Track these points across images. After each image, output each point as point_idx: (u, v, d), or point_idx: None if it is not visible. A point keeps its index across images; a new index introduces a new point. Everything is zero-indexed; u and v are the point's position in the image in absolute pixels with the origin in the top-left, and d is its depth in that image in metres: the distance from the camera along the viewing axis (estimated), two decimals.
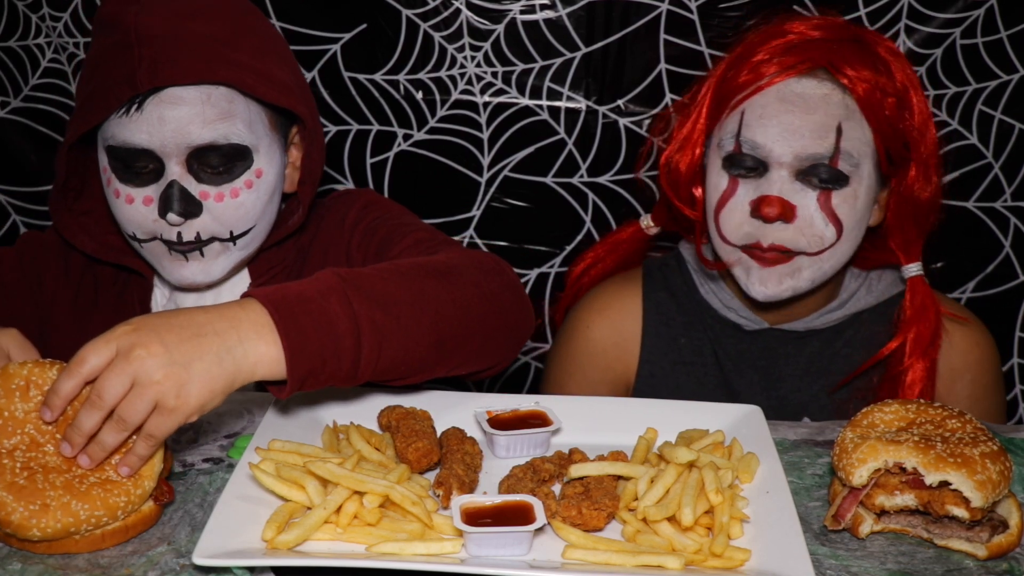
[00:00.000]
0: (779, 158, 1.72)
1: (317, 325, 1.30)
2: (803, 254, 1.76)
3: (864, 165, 1.74)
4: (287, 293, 1.31)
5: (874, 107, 1.72)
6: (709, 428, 1.47)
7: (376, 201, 1.87)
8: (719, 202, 1.79)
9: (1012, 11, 2.24)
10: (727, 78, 1.80)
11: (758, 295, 1.79)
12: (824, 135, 1.70)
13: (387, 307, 1.37)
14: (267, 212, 1.70)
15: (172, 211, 1.59)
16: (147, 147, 1.58)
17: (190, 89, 1.58)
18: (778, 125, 1.72)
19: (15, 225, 2.63)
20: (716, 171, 1.80)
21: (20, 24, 2.42)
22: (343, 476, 1.24)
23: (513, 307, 1.55)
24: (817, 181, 1.72)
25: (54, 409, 1.23)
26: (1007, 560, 1.27)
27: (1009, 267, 2.44)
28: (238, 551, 1.17)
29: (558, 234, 2.49)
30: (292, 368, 1.28)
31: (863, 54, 1.74)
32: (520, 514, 1.23)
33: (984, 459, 1.25)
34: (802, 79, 1.73)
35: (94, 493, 1.22)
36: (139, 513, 1.27)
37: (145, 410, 1.21)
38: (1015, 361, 2.51)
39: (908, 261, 1.87)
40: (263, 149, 1.66)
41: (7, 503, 1.20)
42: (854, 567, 1.24)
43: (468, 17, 2.31)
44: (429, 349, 1.42)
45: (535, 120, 2.39)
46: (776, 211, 1.71)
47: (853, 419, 1.38)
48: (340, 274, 1.37)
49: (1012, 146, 2.35)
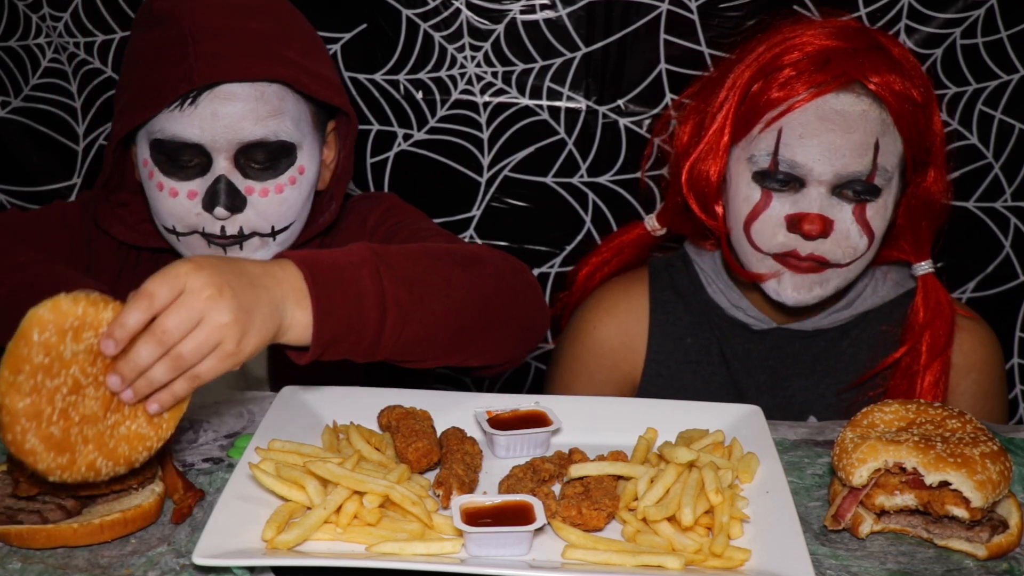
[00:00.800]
0: (819, 176, 1.72)
1: (347, 294, 1.33)
2: (835, 266, 1.77)
3: (895, 176, 1.76)
4: (321, 259, 1.34)
5: (906, 118, 1.74)
6: (709, 428, 1.47)
7: (398, 206, 1.90)
8: (751, 214, 1.78)
9: (1012, 11, 2.24)
10: (754, 92, 1.78)
11: (789, 300, 1.79)
12: (864, 153, 1.71)
13: (413, 287, 1.40)
14: (306, 208, 1.72)
15: (220, 205, 1.60)
16: (198, 142, 1.60)
17: (244, 86, 1.59)
18: (819, 145, 1.71)
19: None
20: (746, 183, 1.78)
21: (20, 24, 2.42)
22: (343, 476, 1.24)
23: (532, 305, 1.57)
24: (852, 195, 1.73)
25: (119, 342, 1.19)
26: (1007, 560, 1.27)
27: (1009, 267, 2.44)
28: (238, 551, 1.17)
29: (558, 234, 2.49)
30: (318, 334, 1.31)
31: (889, 62, 1.74)
32: (520, 514, 1.23)
33: (984, 459, 1.25)
34: (840, 95, 1.72)
35: (121, 449, 1.22)
36: (139, 508, 1.27)
37: (206, 350, 1.21)
38: (1015, 361, 2.51)
39: (919, 259, 1.88)
40: (306, 146, 1.68)
41: (38, 452, 1.18)
42: (854, 567, 1.24)
43: (468, 17, 2.31)
44: (449, 334, 1.44)
45: (535, 120, 2.39)
46: (818, 229, 1.71)
47: (853, 419, 1.38)
48: (374, 248, 1.40)
49: (1012, 146, 2.35)
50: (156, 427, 1.25)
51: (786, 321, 1.93)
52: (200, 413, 1.57)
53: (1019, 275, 2.45)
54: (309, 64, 1.66)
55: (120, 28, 2.39)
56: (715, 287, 1.96)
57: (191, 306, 1.20)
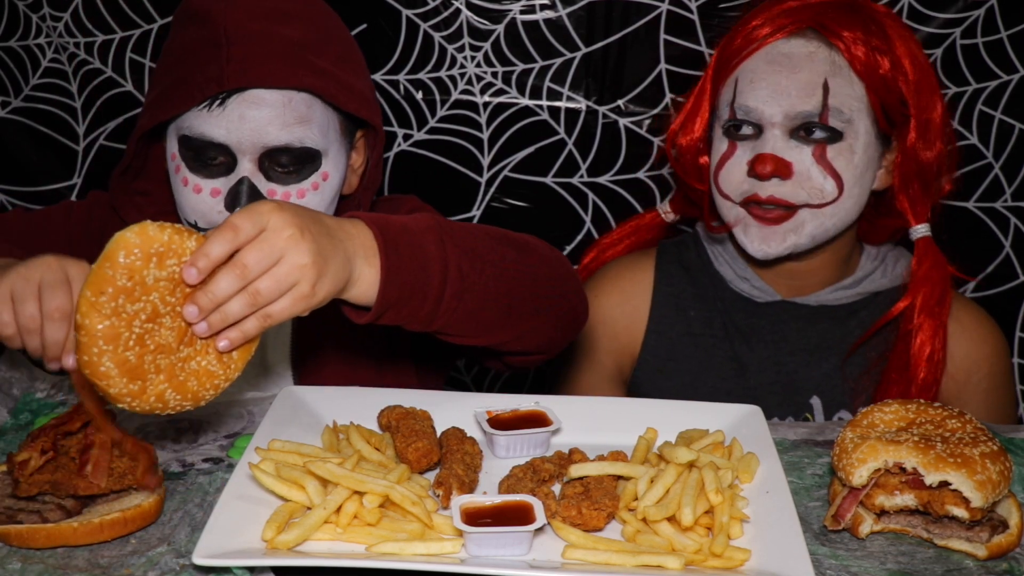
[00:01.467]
0: (770, 119, 1.76)
1: (414, 257, 1.34)
2: (806, 206, 1.78)
3: (859, 122, 1.77)
4: (391, 221, 1.36)
5: (867, 64, 1.75)
6: (709, 428, 1.47)
7: (420, 208, 1.90)
8: (719, 164, 1.83)
9: (1012, 11, 2.24)
10: (724, 46, 1.85)
11: (757, 253, 1.81)
12: (811, 93, 1.74)
13: (475, 260, 1.41)
14: (329, 212, 1.72)
15: (240, 206, 1.61)
16: (224, 142, 1.61)
17: (273, 92, 1.61)
18: (767, 87, 1.76)
19: None
20: (718, 138, 1.86)
21: (20, 24, 2.42)
22: (343, 476, 1.24)
23: (574, 295, 1.59)
24: (809, 138, 1.76)
25: (202, 271, 1.20)
26: (1007, 560, 1.27)
27: (1009, 267, 2.44)
28: (238, 551, 1.17)
29: (558, 234, 2.49)
30: (383, 292, 1.32)
31: (854, 16, 1.77)
32: (520, 514, 1.23)
33: (984, 459, 1.25)
34: (790, 39, 1.77)
35: (190, 384, 1.24)
36: (139, 508, 1.27)
37: (282, 289, 1.22)
38: (1015, 361, 2.51)
39: (916, 222, 1.89)
40: (332, 153, 1.69)
41: (111, 375, 1.19)
42: (854, 567, 1.24)
43: (468, 17, 2.31)
44: (499, 311, 1.45)
45: (535, 120, 2.39)
46: (770, 167, 1.75)
47: (853, 419, 1.38)
48: (436, 218, 1.42)
49: (1012, 146, 2.35)
50: (225, 366, 1.26)
51: (790, 294, 1.93)
52: (200, 413, 1.57)
53: (1019, 275, 2.45)
54: (341, 74, 1.67)
55: (120, 28, 2.39)
56: (721, 259, 1.98)
57: (272, 243, 1.21)
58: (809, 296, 1.93)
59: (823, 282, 1.93)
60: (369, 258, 1.32)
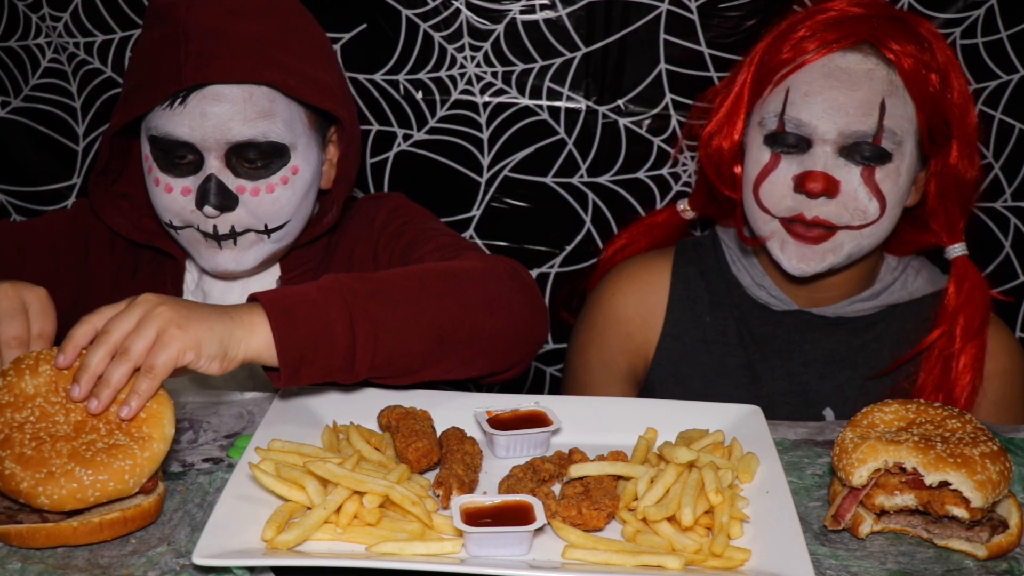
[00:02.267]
0: (823, 135, 1.72)
1: (308, 314, 1.36)
2: (846, 228, 1.75)
3: (907, 143, 1.74)
4: (283, 290, 1.39)
5: (918, 83, 1.72)
6: (709, 428, 1.47)
7: (405, 205, 1.91)
8: (759, 176, 1.79)
9: (1012, 11, 2.24)
10: (768, 55, 1.80)
11: (793, 271, 1.79)
12: (868, 112, 1.71)
13: (384, 301, 1.42)
14: (302, 208, 1.73)
15: (208, 204, 1.62)
16: (188, 140, 1.61)
17: (233, 87, 1.61)
18: (823, 102, 1.72)
19: None
20: (757, 147, 1.80)
21: (20, 24, 2.42)
22: (343, 476, 1.24)
23: (523, 310, 1.57)
24: (860, 158, 1.73)
25: (68, 355, 1.28)
26: (1007, 560, 1.27)
27: (1009, 267, 2.44)
28: (238, 551, 1.17)
29: (558, 234, 2.49)
30: (282, 352, 1.33)
31: (906, 31, 1.74)
32: (520, 514, 1.23)
33: (984, 459, 1.25)
34: (847, 54, 1.73)
35: (99, 459, 1.23)
36: (139, 507, 1.27)
37: (147, 340, 1.26)
38: None
39: (951, 242, 1.87)
40: (301, 147, 1.68)
41: (16, 474, 1.21)
42: (854, 567, 1.24)
43: (468, 17, 2.31)
44: (428, 345, 1.45)
45: (535, 120, 2.39)
46: (820, 186, 1.71)
47: (853, 419, 1.38)
48: (340, 277, 1.43)
49: (1012, 146, 2.34)
50: (139, 442, 1.26)
51: (808, 304, 1.91)
52: (200, 413, 1.57)
53: (1019, 275, 2.45)
54: (305, 67, 1.66)
55: (120, 28, 2.39)
56: (739, 265, 1.95)
57: (130, 311, 1.28)
58: (827, 307, 1.90)
59: (843, 294, 1.90)
60: (257, 323, 1.34)
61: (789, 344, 1.91)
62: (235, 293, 1.79)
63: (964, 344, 1.82)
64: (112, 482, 1.22)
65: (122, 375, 1.26)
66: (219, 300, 1.78)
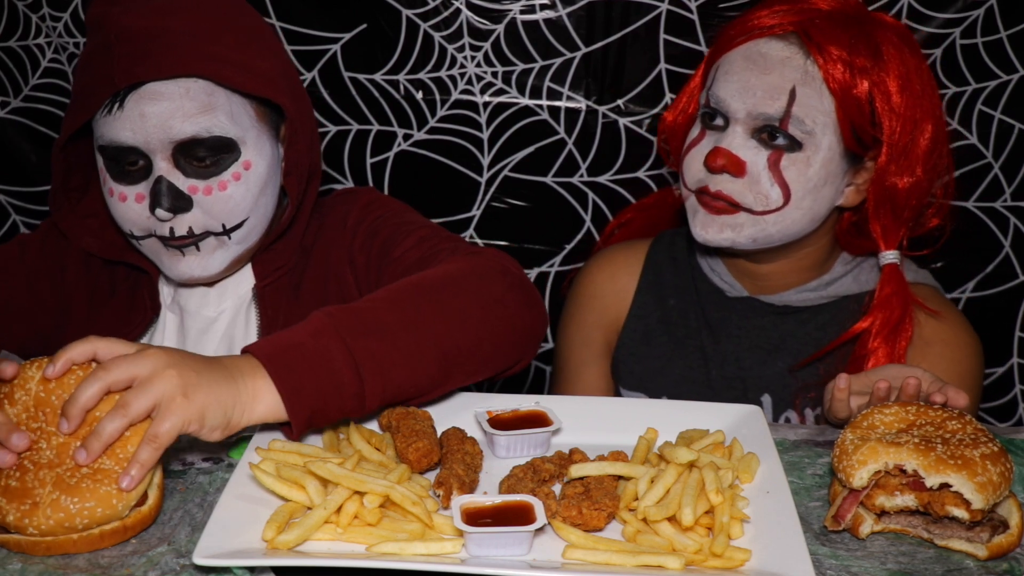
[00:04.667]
0: (735, 114, 1.76)
1: (311, 367, 1.33)
2: (748, 211, 1.78)
3: (822, 136, 1.74)
4: (280, 342, 1.35)
5: (841, 82, 1.72)
6: (709, 428, 1.47)
7: (377, 200, 1.87)
8: (687, 148, 1.85)
9: (1012, 11, 2.24)
10: (721, 33, 1.86)
11: (697, 237, 1.83)
12: (776, 96, 1.73)
13: (382, 334, 1.39)
14: (260, 205, 1.69)
15: (160, 207, 1.60)
16: (132, 144, 1.59)
17: (169, 84, 1.58)
18: (737, 82, 1.76)
19: (15, 225, 2.63)
20: (695, 124, 1.87)
21: (20, 24, 2.42)
22: (343, 476, 1.24)
23: (518, 308, 1.55)
24: (769, 141, 1.76)
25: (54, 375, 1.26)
26: (1007, 560, 1.27)
27: (1009, 267, 2.44)
28: (238, 551, 1.17)
29: (558, 234, 2.49)
30: (292, 411, 1.31)
31: (846, 30, 1.74)
32: (520, 514, 1.23)
33: (985, 460, 1.25)
34: (771, 40, 1.77)
35: (83, 486, 1.21)
36: (138, 513, 1.26)
37: (149, 403, 1.23)
38: (1015, 361, 2.51)
39: (886, 248, 1.87)
40: (250, 141, 1.65)
41: (2, 507, 1.21)
42: (854, 567, 1.24)
43: (468, 17, 2.31)
44: (436, 366, 1.43)
45: (535, 120, 2.39)
46: (721, 162, 1.76)
47: (853, 420, 1.38)
48: (329, 312, 1.39)
49: (1012, 146, 2.35)
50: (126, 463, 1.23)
51: (756, 291, 1.95)
52: None
53: (1019, 275, 2.45)
54: (243, 58, 1.63)
55: None
56: (700, 250, 2.01)
57: (139, 361, 1.25)
58: (774, 295, 1.94)
59: (788, 284, 1.93)
60: (258, 385, 1.31)
61: (739, 329, 1.95)
62: (211, 306, 1.77)
63: (877, 345, 1.83)
64: (100, 508, 1.21)
65: (116, 430, 1.23)
66: (195, 313, 1.77)
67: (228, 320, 1.77)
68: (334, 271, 1.80)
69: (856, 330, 1.84)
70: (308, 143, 1.71)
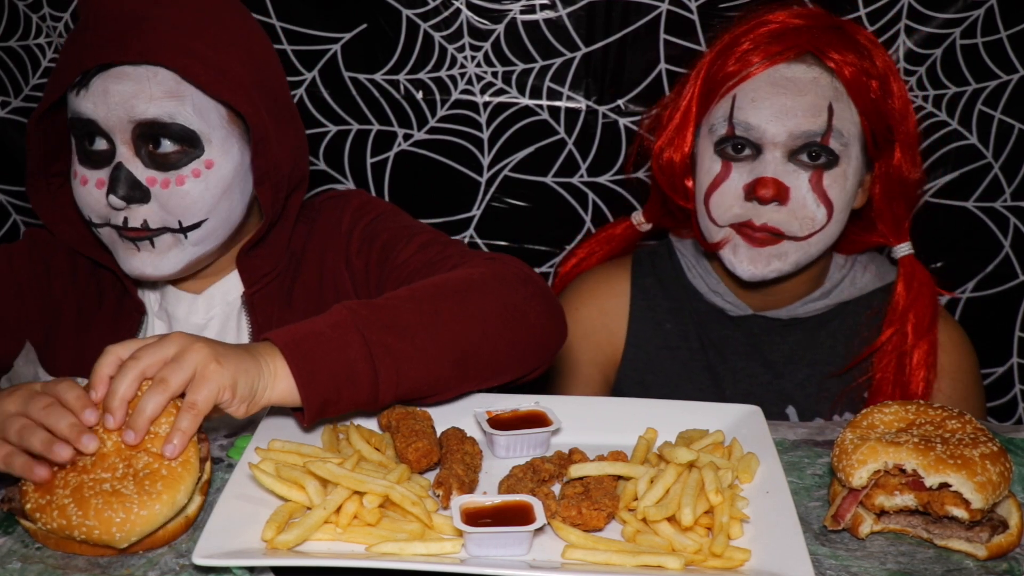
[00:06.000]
0: (773, 138, 1.75)
1: (327, 355, 1.34)
2: (791, 238, 1.78)
3: (852, 146, 1.77)
4: (298, 330, 1.36)
5: (860, 89, 1.76)
6: (709, 428, 1.47)
7: (369, 202, 1.86)
8: (711, 186, 1.81)
9: (1012, 11, 2.24)
10: (714, 68, 1.83)
11: (744, 274, 1.81)
12: (817, 113, 1.74)
13: (401, 331, 1.40)
14: (222, 208, 1.66)
15: (115, 194, 1.58)
16: (92, 117, 1.59)
17: (138, 68, 1.58)
18: (771, 107, 1.75)
19: (15, 225, 2.63)
20: (708, 156, 1.83)
21: (20, 24, 2.42)
22: (343, 476, 1.24)
23: (539, 317, 1.55)
24: (809, 160, 1.75)
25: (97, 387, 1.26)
26: (1007, 560, 1.27)
27: (1009, 267, 2.44)
28: (238, 551, 1.17)
29: (558, 234, 2.49)
30: (306, 397, 1.32)
31: (845, 40, 1.78)
32: (520, 514, 1.23)
33: (984, 460, 1.25)
34: (791, 64, 1.77)
35: (94, 503, 1.19)
36: (165, 529, 1.25)
37: (187, 373, 1.24)
38: (1015, 361, 2.51)
39: (898, 241, 1.90)
40: (216, 141, 1.63)
41: (28, 491, 1.22)
42: (854, 567, 1.24)
43: (468, 17, 2.31)
44: (451, 368, 1.44)
45: (535, 120, 2.39)
46: (771, 192, 1.73)
47: (853, 420, 1.38)
48: (350, 306, 1.40)
49: (1012, 146, 2.35)
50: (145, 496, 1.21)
51: (762, 308, 1.95)
52: None
53: (1019, 275, 2.45)
54: (216, 58, 1.61)
55: None
56: (695, 272, 1.99)
57: (165, 344, 1.27)
58: (780, 310, 1.94)
59: (794, 296, 1.94)
60: (277, 367, 1.33)
61: (747, 347, 1.95)
62: (199, 313, 1.76)
63: (916, 340, 1.86)
64: (98, 530, 1.19)
65: (158, 404, 1.24)
66: (184, 321, 1.76)
67: (218, 328, 1.77)
68: (330, 275, 1.79)
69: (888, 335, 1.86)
70: (284, 155, 1.69)
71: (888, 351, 1.88)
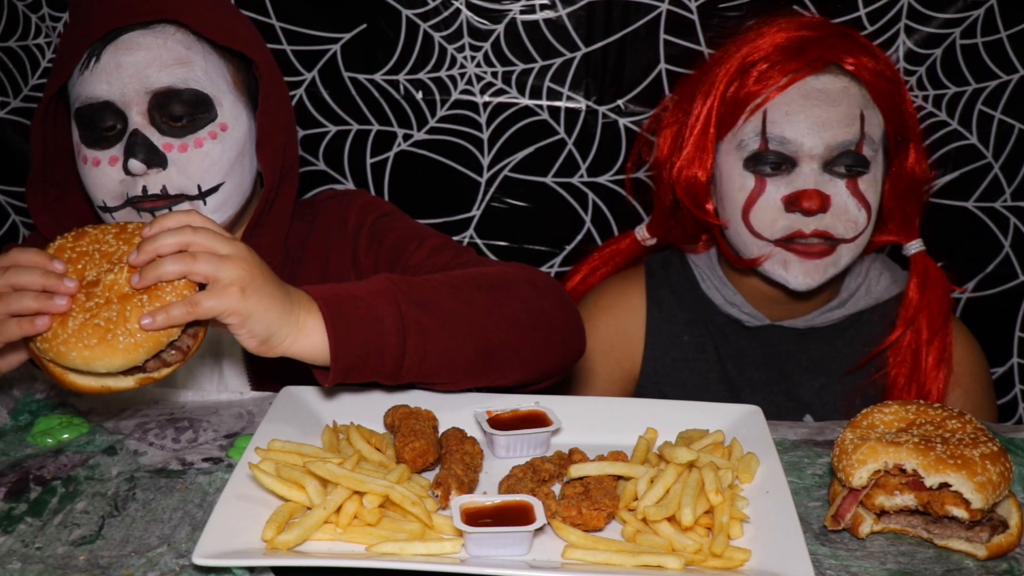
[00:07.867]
0: (810, 151, 1.76)
1: (363, 320, 1.36)
2: (842, 240, 1.80)
3: (879, 151, 1.80)
4: (339, 290, 1.39)
5: (882, 92, 1.78)
6: (709, 428, 1.47)
7: (372, 202, 1.86)
8: (747, 202, 1.81)
9: (1012, 11, 2.25)
10: (732, 92, 1.82)
11: (799, 286, 1.82)
12: (851, 123, 1.76)
13: (434, 312, 1.42)
14: (236, 172, 1.67)
15: (135, 158, 1.58)
16: (108, 98, 1.59)
17: (147, 34, 1.59)
18: (806, 120, 1.76)
19: (15, 225, 2.63)
20: (739, 173, 1.82)
21: (20, 24, 2.42)
22: (343, 476, 1.24)
23: (563, 326, 1.57)
24: (844, 170, 1.77)
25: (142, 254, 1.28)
26: (1007, 560, 1.27)
27: (1009, 267, 2.44)
28: (238, 551, 1.17)
29: (558, 234, 2.49)
30: (336, 358, 1.34)
31: (856, 44, 1.80)
32: (520, 514, 1.23)
33: (984, 460, 1.25)
34: (819, 76, 1.78)
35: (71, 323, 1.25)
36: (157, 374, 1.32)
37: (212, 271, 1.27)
38: (1015, 361, 2.51)
39: (909, 239, 1.92)
40: (227, 105, 1.65)
41: None
42: (854, 567, 1.24)
43: (468, 17, 2.31)
44: (475, 357, 1.46)
45: (535, 120, 2.39)
46: (816, 204, 1.75)
47: (853, 420, 1.38)
48: (392, 279, 1.43)
49: (1012, 146, 2.35)
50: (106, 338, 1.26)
51: (779, 318, 1.95)
52: (200, 413, 1.57)
53: (1019, 275, 2.45)
54: (220, 17, 1.64)
55: None
56: (709, 283, 1.99)
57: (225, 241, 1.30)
58: (797, 320, 1.95)
59: (812, 307, 1.94)
60: (309, 323, 1.34)
61: (764, 357, 1.95)
62: None
63: (931, 335, 1.87)
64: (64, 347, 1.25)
65: (173, 272, 1.27)
66: None
67: None
68: (335, 273, 1.79)
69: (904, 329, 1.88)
70: (281, 125, 1.70)
71: (903, 347, 1.89)
